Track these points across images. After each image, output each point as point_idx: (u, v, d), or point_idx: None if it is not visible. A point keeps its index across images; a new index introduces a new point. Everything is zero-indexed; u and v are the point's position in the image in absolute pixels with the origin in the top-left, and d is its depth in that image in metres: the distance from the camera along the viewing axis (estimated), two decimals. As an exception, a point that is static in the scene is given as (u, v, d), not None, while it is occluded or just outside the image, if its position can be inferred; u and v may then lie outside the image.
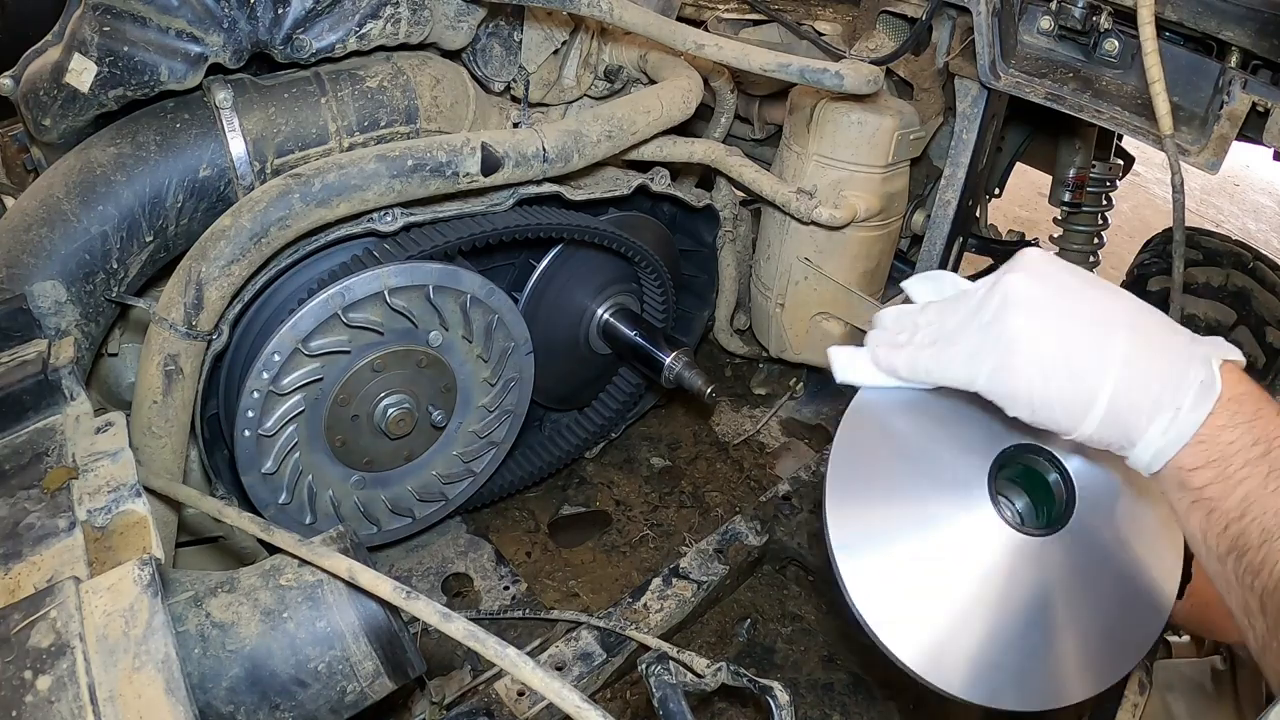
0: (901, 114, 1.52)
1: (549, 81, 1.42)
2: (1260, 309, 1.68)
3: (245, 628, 0.79)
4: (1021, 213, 4.38)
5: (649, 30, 1.30)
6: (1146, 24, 1.18)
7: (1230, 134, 1.24)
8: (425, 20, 1.19)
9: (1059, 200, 2.03)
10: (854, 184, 1.54)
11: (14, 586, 0.67)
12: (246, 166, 1.12)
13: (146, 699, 0.58)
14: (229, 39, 1.07)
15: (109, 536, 0.73)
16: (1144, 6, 1.17)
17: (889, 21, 1.60)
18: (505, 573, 1.47)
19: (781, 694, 0.91)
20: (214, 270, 1.03)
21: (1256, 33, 1.22)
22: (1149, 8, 1.17)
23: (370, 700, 0.84)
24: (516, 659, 0.68)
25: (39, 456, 0.81)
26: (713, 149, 1.53)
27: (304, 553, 0.79)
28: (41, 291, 1.01)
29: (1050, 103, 1.37)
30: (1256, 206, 5.32)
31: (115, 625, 0.62)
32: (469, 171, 1.16)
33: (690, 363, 1.43)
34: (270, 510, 1.21)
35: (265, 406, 1.13)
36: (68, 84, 1.04)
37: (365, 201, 1.11)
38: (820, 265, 1.62)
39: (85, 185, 1.05)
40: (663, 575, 1.38)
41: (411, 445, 1.31)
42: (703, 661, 0.99)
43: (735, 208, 1.71)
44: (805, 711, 1.31)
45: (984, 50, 1.38)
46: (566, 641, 1.27)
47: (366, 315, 1.15)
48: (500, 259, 1.42)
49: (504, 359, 1.32)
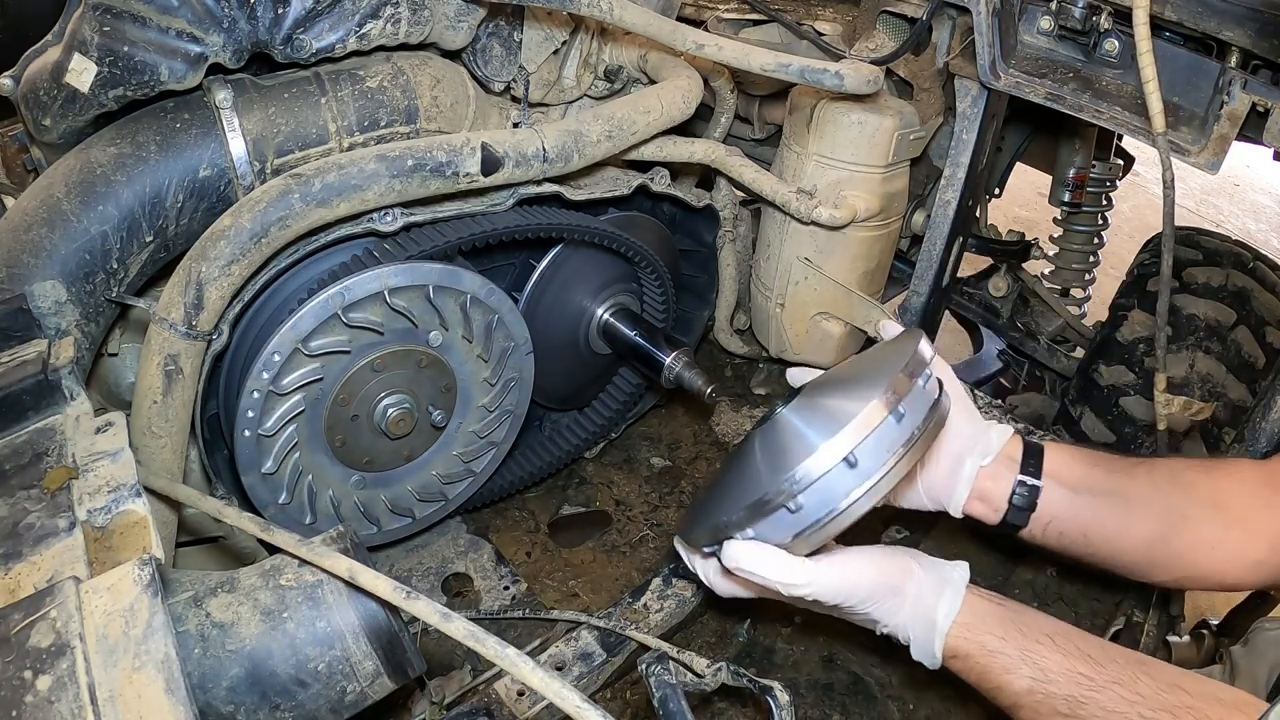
0: (901, 114, 1.52)
1: (549, 81, 1.42)
2: (1260, 309, 1.68)
3: (245, 628, 0.79)
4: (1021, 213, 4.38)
5: (649, 30, 1.30)
6: (1141, 24, 1.18)
7: (1230, 134, 1.24)
8: (425, 20, 1.19)
9: (1059, 200, 2.03)
10: (854, 184, 1.54)
11: (14, 586, 0.67)
12: (246, 166, 1.12)
13: (146, 699, 0.59)
14: (229, 39, 1.07)
15: (109, 536, 0.73)
16: (1139, 7, 1.17)
17: (889, 21, 1.60)
18: (505, 573, 1.47)
19: (781, 694, 0.91)
20: (214, 270, 1.03)
21: (1256, 33, 1.22)
22: (1144, 8, 1.17)
23: (370, 700, 0.84)
24: (516, 659, 0.68)
25: (39, 456, 0.81)
26: (713, 149, 1.53)
27: (304, 553, 0.79)
28: (41, 291, 1.01)
29: (1050, 103, 1.37)
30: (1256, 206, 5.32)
31: (115, 625, 0.62)
32: (469, 171, 1.16)
33: (690, 363, 1.43)
34: (270, 510, 1.21)
35: (265, 406, 1.13)
36: (68, 84, 1.04)
37: (365, 201, 1.11)
38: (820, 265, 1.62)
39: (85, 185, 1.05)
40: (663, 575, 1.38)
41: (411, 445, 1.31)
42: (703, 661, 0.99)
43: (735, 208, 1.71)
44: (805, 711, 1.31)
45: (984, 50, 1.38)
46: (566, 641, 1.27)
47: (366, 315, 1.15)
48: (500, 259, 1.42)
49: (504, 359, 1.32)
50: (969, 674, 0.95)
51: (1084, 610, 1.48)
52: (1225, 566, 1.07)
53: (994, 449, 1.09)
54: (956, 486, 1.10)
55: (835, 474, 0.90)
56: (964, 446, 1.09)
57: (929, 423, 0.94)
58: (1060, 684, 0.88)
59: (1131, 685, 0.86)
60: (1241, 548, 1.05)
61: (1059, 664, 0.89)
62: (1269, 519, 1.05)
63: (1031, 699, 0.89)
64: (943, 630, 0.94)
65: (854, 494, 0.90)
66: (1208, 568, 1.07)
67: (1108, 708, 0.85)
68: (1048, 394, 2.13)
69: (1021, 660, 0.91)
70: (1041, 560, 1.56)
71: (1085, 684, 0.87)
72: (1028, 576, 1.54)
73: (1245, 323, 1.65)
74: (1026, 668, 0.90)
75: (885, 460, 0.90)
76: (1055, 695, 0.88)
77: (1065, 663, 0.89)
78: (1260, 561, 1.05)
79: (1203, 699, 0.84)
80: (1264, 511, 1.05)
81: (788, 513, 0.91)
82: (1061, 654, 0.90)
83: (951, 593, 0.95)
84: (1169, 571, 1.09)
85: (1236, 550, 1.06)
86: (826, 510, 0.91)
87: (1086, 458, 1.12)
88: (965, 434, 1.10)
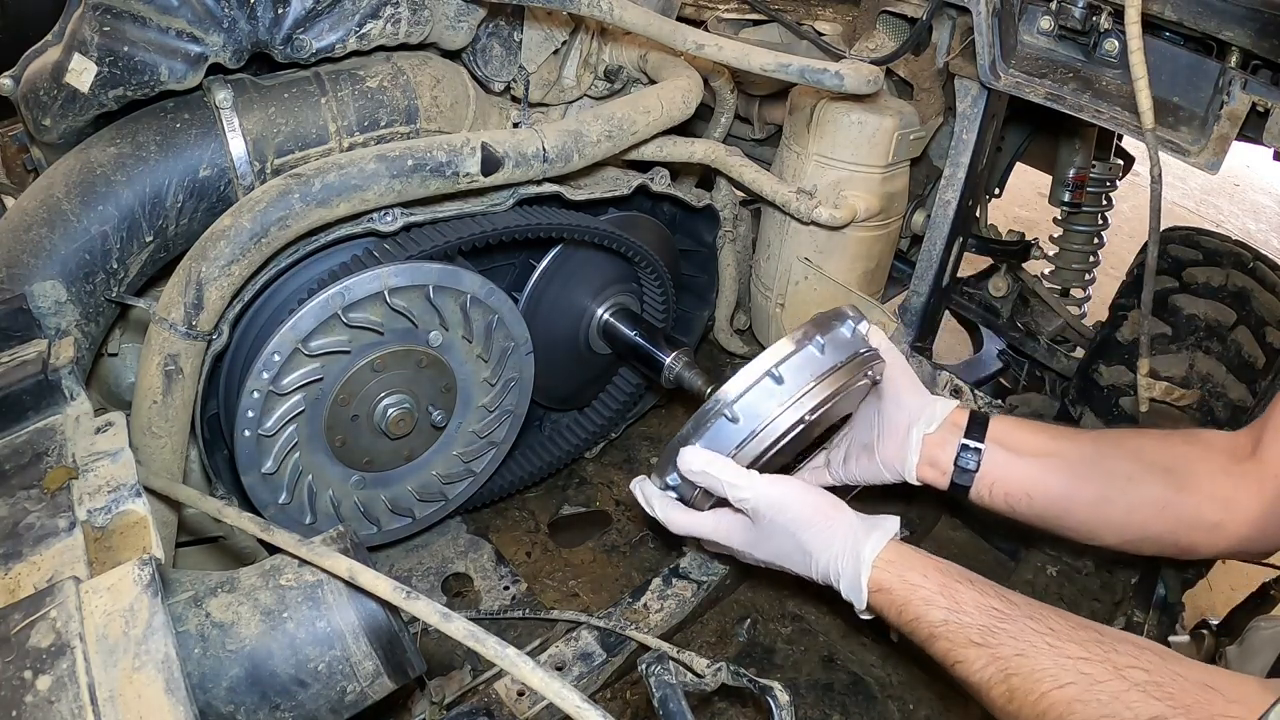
0: (901, 114, 1.52)
1: (549, 81, 1.42)
2: (1260, 309, 1.68)
3: (245, 628, 0.79)
4: (1021, 213, 4.38)
5: (649, 30, 1.30)
6: (1133, 24, 1.19)
7: (1230, 134, 1.24)
8: (425, 20, 1.19)
9: (1059, 200, 2.03)
10: (854, 184, 1.54)
11: (14, 586, 0.67)
12: (246, 166, 1.12)
13: (146, 699, 0.59)
14: (229, 39, 1.07)
15: (109, 536, 0.73)
16: (1131, 6, 1.18)
17: (889, 21, 1.60)
18: (505, 573, 1.47)
19: (781, 694, 0.91)
20: (214, 270, 1.03)
21: (1256, 33, 1.22)
22: (1136, 7, 1.18)
23: (370, 700, 0.84)
24: (516, 659, 0.68)
25: (39, 456, 0.81)
26: (713, 149, 1.53)
27: (304, 553, 0.79)
28: (41, 291, 1.01)
29: (1050, 103, 1.37)
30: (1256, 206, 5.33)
31: (115, 625, 0.62)
32: (469, 171, 1.16)
33: (690, 363, 1.43)
34: (270, 510, 1.21)
35: (265, 406, 1.13)
36: (68, 84, 1.04)
37: (365, 201, 1.11)
38: (820, 265, 1.62)
39: (85, 185, 1.05)
40: (663, 575, 1.38)
41: (411, 445, 1.31)
42: (703, 661, 0.99)
43: (735, 208, 1.71)
44: (805, 711, 1.31)
45: (984, 50, 1.38)
46: (566, 641, 1.27)
47: (366, 315, 1.15)
48: (500, 259, 1.42)
49: (504, 359, 1.32)
50: (891, 608, 1.00)
51: (1084, 611, 1.48)
52: (1178, 528, 1.10)
53: (938, 418, 1.19)
54: (907, 455, 1.20)
55: (764, 387, 1.08)
56: (911, 417, 1.21)
57: (852, 361, 1.12)
58: (974, 615, 0.94)
59: (1043, 620, 0.91)
60: (1196, 510, 1.09)
61: (974, 599, 0.95)
62: (1226, 484, 1.07)
63: (947, 629, 0.95)
64: (868, 562, 1.01)
65: (782, 405, 1.08)
66: (1159, 529, 1.11)
67: (1017, 636, 0.90)
68: (1048, 394, 2.13)
69: (940, 593, 0.97)
70: (1041, 560, 1.56)
71: (997, 616, 0.93)
72: (1028, 576, 1.54)
73: (1245, 323, 1.65)
74: (944, 599, 0.96)
75: (808, 380, 1.09)
76: (969, 625, 0.93)
77: (980, 599, 0.95)
78: (1217, 524, 1.08)
79: (1113, 636, 0.88)
80: (1221, 477, 1.08)
81: (728, 422, 1.09)
82: (978, 592, 0.96)
83: (880, 534, 1.04)
84: (1119, 533, 1.14)
85: (1190, 513, 1.09)
86: (760, 419, 1.08)
87: (1031, 425, 1.20)
88: (913, 405, 1.21)
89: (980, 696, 0.94)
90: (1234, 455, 1.10)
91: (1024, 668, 0.88)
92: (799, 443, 1.16)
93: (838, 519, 1.06)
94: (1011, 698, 0.89)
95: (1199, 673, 0.83)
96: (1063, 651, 0.88)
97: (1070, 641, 0.88)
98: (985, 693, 0.92)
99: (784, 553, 1.09)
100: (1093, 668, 0.85)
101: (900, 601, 0.99)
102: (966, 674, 0.93)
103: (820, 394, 1.08)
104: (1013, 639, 0.91)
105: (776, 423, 1.08)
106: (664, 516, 1.18)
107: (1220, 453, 1.11)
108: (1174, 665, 0.83)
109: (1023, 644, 0.90)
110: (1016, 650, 0.90)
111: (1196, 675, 0.82)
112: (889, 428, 1.22)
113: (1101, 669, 0.85)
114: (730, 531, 1.14)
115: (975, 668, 0.92)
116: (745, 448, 1.09)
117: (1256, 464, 1.07)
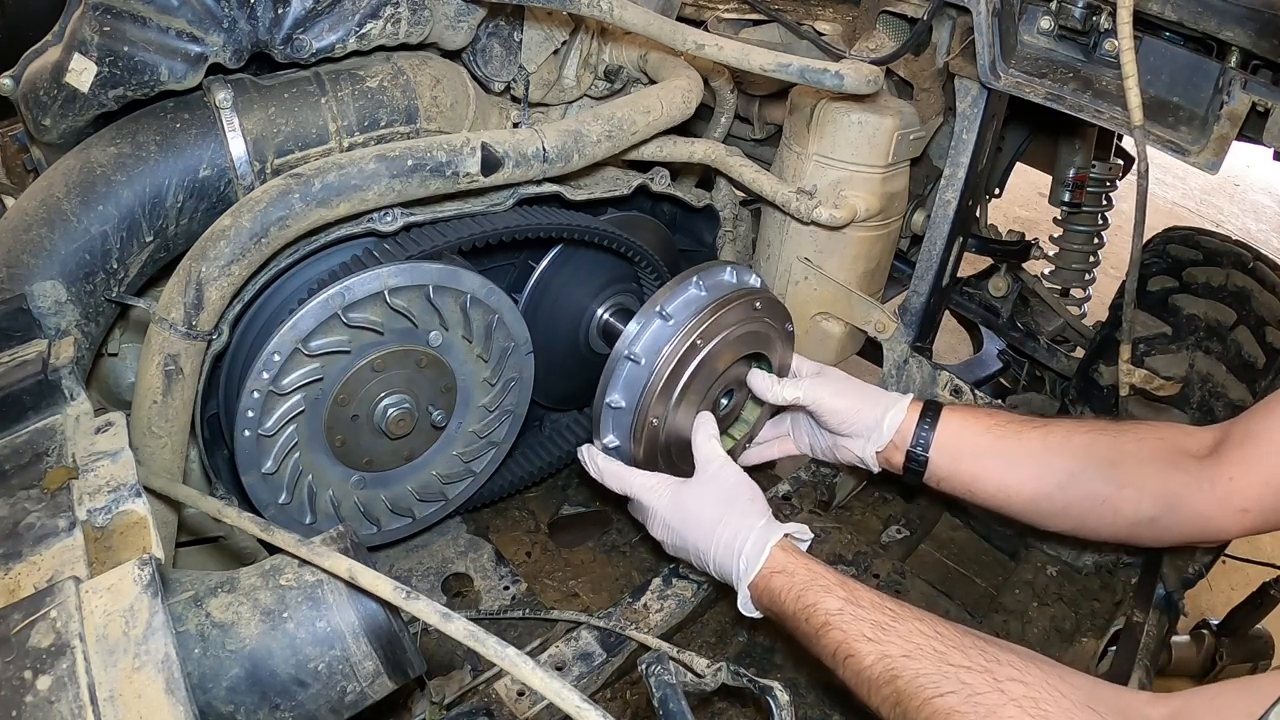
0: (901, 114, 1.52)
1: (549, 81, 1.42)
2: (1260, 309, 1.68)
3: (245, 628, 0.79)
4: (1021, 213, 4.38)
5: (649, 30, 1.30)
6: (1125, 24, 1.19)
7: (1230, 134, 1.24)
8: (425, 20, 1.19)
9: (1059, 200, 2.03)
10: (854, 184, 1.54)
11: (14, 586, 0.67)
12: (246, 166, 1.12)
13: (146, 699, 0.59)
14: (229, 39, 1.07)
15: (109, 536, 0.73)
16: (1123, 7, 1.19)
17: (889, 21, 1.60)
18: (505, 573, 1.47)
19: (781, 694, 0.91)
20: (214, 270, 1.03)
21: (1256, 33, 1.22)
22: (1127, 8, 1.19)
23: (370, 700, 0.84)
24: (516, 659, 0.68)
25: (39, 456, 0.81)
26: (713, 149, 1.53)
27: (304, 553, 0.79)
28: (41, 291, 1.01)
29: (1050, 103, 1.37)
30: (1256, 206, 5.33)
31: (115, 625, 0.62)
32: (469, 171, 1.16)
33: (690, 363, 1.43)
34: (270, 510, 1.21)
35: (265, 406, 1.13)
36: (68, 84, 1.04)
37: (365, 201, 1.11)
38: (820, 265, 1.62)
39: (85, 185, 1.05)
40: (663, 575, 1.38)
41: (412, 445, 1.31)
42: (703, 661, 0.99)
43: (735, 208, 1.71)
44: (805, 711, 1.31)
45: (984, 50, 1.38)
46: (566, 641, 1.27)
47: (366, 315, 1.15)
48: (500, 259, 1.42)
49: (504, 359, 1.32)
50: (789, 592, 1.04)
51: (1084, 610, 1.48)
52: (1115, 520, 1.14)
53: (885, 437, 1.28)
54: (867, 462, 1.33)
55: (656, 326, 1.22)
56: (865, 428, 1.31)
57: (735, 294, 1.25)
58: (868, 610, 0.98)
59: (932, 625, 0.94)
60: (1135, 506, 1.12)
61: (869, 598, 1.00)
62: (1174, 480, 1.10)
63: (842, 619, 0.98)
64: (772, 544, 1.08)
65: (674, 340, 1.20)
66: (1097, 521, 1.16)
67: (906, 638, 0.93)
68: (1048, 394, 2.13)
69: (839, 585, 1.02)
70: (1041, 560, 1.56)
71: (890, 614, 0.97)
72: (1028, 576, 1.54)
73: (1245, 323, 1.65)
74: (843, 590, 1.01)
75: (694, 315, 1.21)
76: (863, 619, 0.97)
77: (874, 597, 1.00)
78: (1154, 519, 1.11)
79: (998, 647, 0.89)
80: (1170, 473, 1.10)
81: (633, 365, 1.21)
82: (873, 594, 1.01)
83: (790, 527, 1.12)
84: (1058, 523, 1.21)
85: (1129, 508, 1.13)
86: (658, 356, 1.21)
87: (980, 423, 1.25)
88: (865, 421, 1.30)
89: (868, 696, 0.94)
90: (1189, 452, 1.11)
91: (909, 670, 0.90)
92: (711, 375, 1.27)
93: (756, 502, 1.17)
94: (898, 701, 0.90)
95: (1085, 691, 0.83)
96: (946, 659, 0.89)
97: (955, 649, 0.89)
98: (874, 692, 0.93)
99: (703, 519, 1.16)
100: (974, 678, 0.86)
101: (801, 585, 1.03)
102: (857, 669, 0.95)
103: (705, 321, 1.21)
104: (902, 639, 0.93)
105: (671, 354, 1.20)
106: (601, 471, 1.28)
107: (1174, 449, 1.12)
108: (1057, 681, 0.83)
109: (910, 645, 0.91)
110: (904, 651, 0.91)
111: (1080, 694, 0.82)
112: (842, 452, 1.36)
113: (982, 680, 0.85)
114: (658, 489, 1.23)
115: (866, 663, 0.94)
116: (652, 385, 1.21)
117: (1212, 463, 1.07)
